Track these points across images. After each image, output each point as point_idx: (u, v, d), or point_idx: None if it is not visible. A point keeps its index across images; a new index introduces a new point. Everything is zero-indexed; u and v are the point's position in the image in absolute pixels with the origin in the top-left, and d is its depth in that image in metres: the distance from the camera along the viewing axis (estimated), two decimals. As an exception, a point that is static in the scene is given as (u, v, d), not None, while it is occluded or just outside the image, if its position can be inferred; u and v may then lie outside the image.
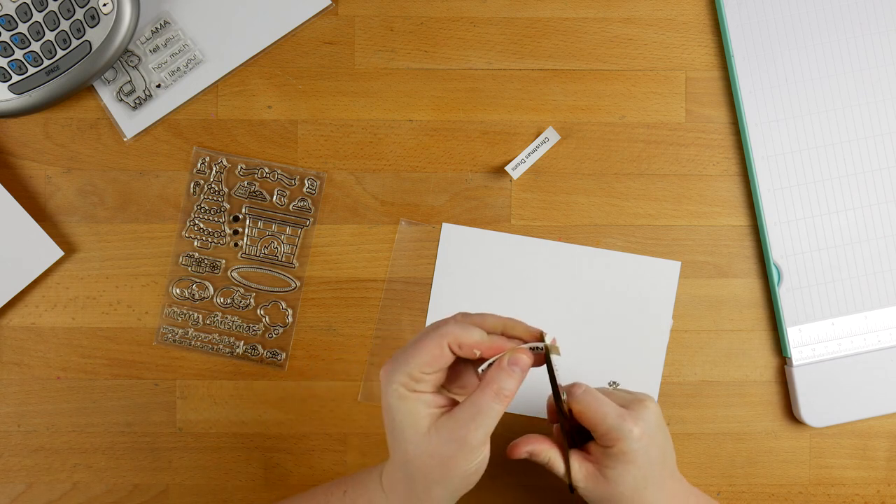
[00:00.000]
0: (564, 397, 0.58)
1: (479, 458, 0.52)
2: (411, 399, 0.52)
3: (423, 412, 0.52)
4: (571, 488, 0.59)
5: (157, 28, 0.70)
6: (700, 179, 0.72)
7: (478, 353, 0.53)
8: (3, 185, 0.69)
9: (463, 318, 0.55)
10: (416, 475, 0.52)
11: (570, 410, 0.59)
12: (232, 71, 0.71)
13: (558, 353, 0.53)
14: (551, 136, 0.69)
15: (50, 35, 0.66)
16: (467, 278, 0.71)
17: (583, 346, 0.71)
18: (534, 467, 0.71)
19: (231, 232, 0.71)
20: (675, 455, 0.61)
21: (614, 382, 0.63)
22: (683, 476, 0.63)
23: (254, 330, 0.71)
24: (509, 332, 0.54)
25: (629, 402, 0.59)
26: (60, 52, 0.66)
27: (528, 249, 0.71)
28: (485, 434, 0.51)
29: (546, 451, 0.59)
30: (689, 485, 0.61)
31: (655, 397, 0.71)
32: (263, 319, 0.71)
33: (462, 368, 0.55)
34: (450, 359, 0.53)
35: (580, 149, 0.71)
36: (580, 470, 0.58)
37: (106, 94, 0.70)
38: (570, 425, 0.60)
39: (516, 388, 0.52)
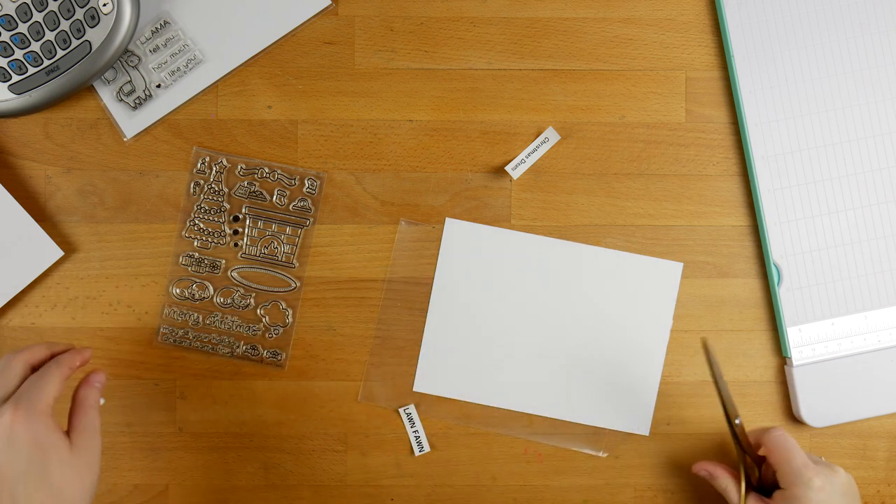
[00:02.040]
0: (738, 422, 0.63)
1: (99, 463, 0.59)
2: (55, 426, 0.57)
3: (59, 434, 0.57)
4: None
5: (157, 28, 0.70)
6: (700, 179, 0.72)
7: (78, 363, 0.61)
8: (3, 185, 0.69)
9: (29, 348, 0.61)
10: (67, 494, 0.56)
11: (747, 446, 0.64)
12: (232, 71, 0.71)
13: None
14: (551, 136, 0.69)
15: (50, 35, 0.66)
16: (468, 275, 0.71)
17: (583, 345, 0.71)
18: (536, 469, 0.71)
19: (231, 232, 0.71)
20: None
21: (821, 458, 0.66)
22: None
23: (254, 330, 0.71)
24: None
25: (824, 464, 0.62)
26: (60, 52, 0.66)
27: (530, 246, 0.71)
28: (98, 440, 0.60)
29: (725, 479, 0.65)
30: None
31: (655, 397, 0.71)
32: (263, 319, 0.71)
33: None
34: (28, 374, 0.59)
35: (580, 149, 0.71)
36: None
37: (106, 94, 0.70)
38: (760, 476, 0.65)
39: (100, 396, 0.62)
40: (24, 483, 0.54)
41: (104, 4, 0.66)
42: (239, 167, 0.71)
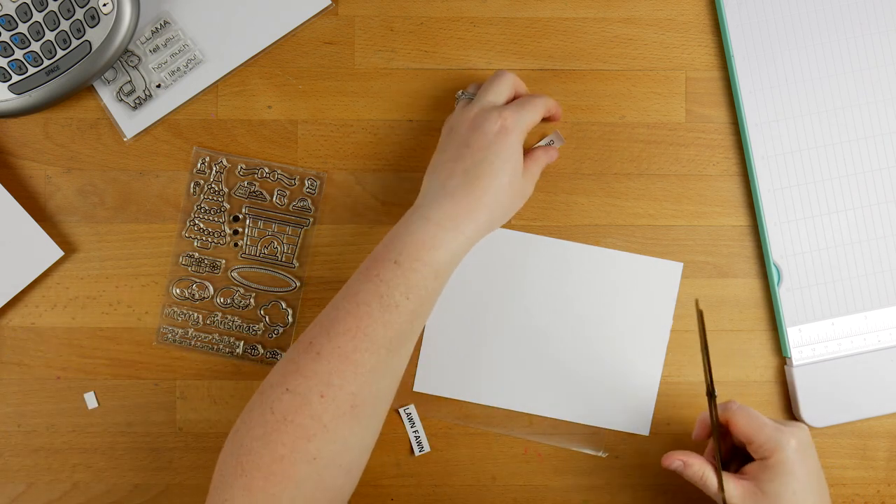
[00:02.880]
0: (716, 394, 0.61)
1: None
2: (521, 145, 0.63)
3: (521, 157, 0.63)
4: None
5: (157, 28, 0.70)
6: (700, 179, 0.72)
7: (558, 117, 0.70)
8: (3, 185, 0.69)
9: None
10: (506, 203, 0.63)
11: (720, 425, 0.61)
12: (232, 71, 0.71)
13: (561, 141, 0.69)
14: (556, 139, 0.70)
15: (50, 35, 0.66)
16: (468, 275, 0.71)
17: (583, 345, 0.71)
18: (536, 469, 0.71)
19: (231, 232, 0.71)
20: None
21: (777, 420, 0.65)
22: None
23: (254, 330, 0.71)
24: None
25: (786, 422, 0.62)
26: (60, 52, 0.66)
27: (530, 246, 0.71)
28: (537, 176, 0.67)
29: (700, 466, 0.62)
30: None
31: (655, 397, 0.71)
32: (264, 319, 0.71)
33: None
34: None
35: (580, 149, 0.71)
36: (736, 489, 0.59)
37: (106, 94, 0.70)
38: (725, 448, 0.62)
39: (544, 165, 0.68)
40: (501, 160, 0.62)
41: (104, 4, 0.66)
42: (239, 167, 0.71)
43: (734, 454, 0.64)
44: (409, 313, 0.58)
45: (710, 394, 0.60)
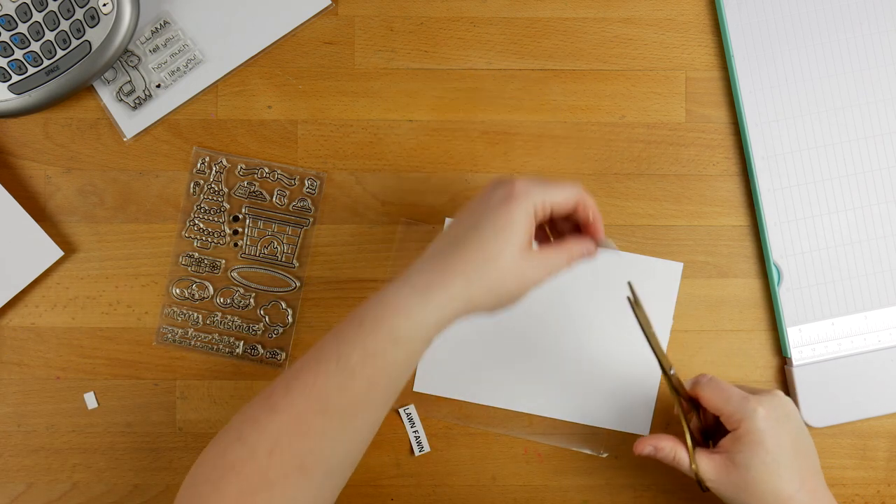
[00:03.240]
0: (673, 372, 0.60)
1: (531, 291, 0.57)
2: (531, 218, 0.56)
3: (528, 234, 0.56)
4: (702, 487, 0.60)
5: (157, 28, 0.70)
6: (700, 179, 0.72)
7: (591, 218, 0.59)
8: (3, 185, 0.69)
9: None
10: (490, 278, 0.55)
11: (691, 400, 0.61)
12: (232, 71, 0.71)
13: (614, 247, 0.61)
14: (607, 244, 0.61)
15: (50, 35, 0.66)
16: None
17: (583, 345, 0.71)
18: (536, 469, 0.71)
19: (231, 232, 0.71)
20: (817, 458, 0.61)
21: (753, 388, 0.65)
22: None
23: (254, 330, 0.71)
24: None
25: (758, 390, 0.60)
26: (60, 52, 0.66)
27: (528, 249, 0.71)
28: (552, 276, 0.57)
29: (671, 447, 0.61)
30: (831, 497, 0.61)
31: (655, 397, 0.71)
32: (263, 319, 0.71)
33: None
34: (570, 209, 0.58)
35: (580, 149, 0.71)
36: (709, 464, 0.59)
37: (106, 94, 0.70)
38: (701, 422, 0.62)
39: (578, 259, 0.59)
40: (495, 229, 0.55)
41: (104, 4, 0.66)
42: (239, 167, 0.71)
43: (716, 431, 0.63)
44: (366, 381, 0.53)
45: (666, 371, 0.60)
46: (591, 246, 0.59)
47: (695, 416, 0.62)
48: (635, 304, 0.58)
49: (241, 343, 0.71)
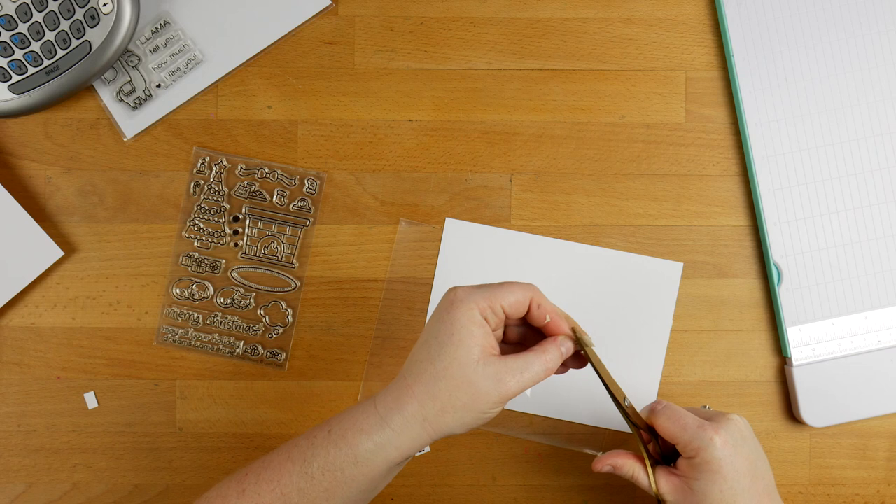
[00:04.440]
0: (627, 403, 0.59)
1: (499, 407, 0.54)
2: (479, 324, 0.53)
3: (481, 342, 0.53)
4: (659, 502, 0.59)
5: (157, 28, 0.70)
6: (700, 179, 0.72)
7: (548, 320, 0.56)
8: (3, 185, 0.69)
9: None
10: (441, 395, 0.52)
11: (649, 428, 0.60)
12: (232, 71, 0.71)
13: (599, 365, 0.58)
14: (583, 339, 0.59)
15: (50, 35, 0.66)
16: (468, 275, 0.71)
17: (583, 346, 0.71)
18: (536, 469, 0.71)
19: (231, 232, 0.71)
20: (772, 475, 0.60)
21: (706, 406, 0.64)
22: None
23: (254, 330, 0.71)
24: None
25: (714, 416, 0.60)
26: (60, 52, 0.66)
27: (530, 246, 0.71)
28: (520, 389, 0.53)
29: (630, 465, 0.60)
30: None
31: (655, 397, 0.71)
32: (263, 319, 0.71)
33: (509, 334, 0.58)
34: (523, 311, 0.55)
35: (580, 149, 0.72)
36: (667, 484, 0.59)
37: (106, 94, 0.70)
38: (660, 446, 0.61)
39: (556, 367, 0.55)
40: (441, 341, 0.53)
41: (104, 4, 0.66)
42: (239, 167, 0.71)
43: (675, 451, 0.62)
44: (324, 490, 0.53)
45: (620, 403, 0.59)
46: (563, 345, 0.56)
47: (654, 441, 0.61)
48: (583, 344, 0.57)
49: (241, 343, 0.71)
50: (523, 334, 0.58)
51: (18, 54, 0.66)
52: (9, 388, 0.70)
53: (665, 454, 0.61)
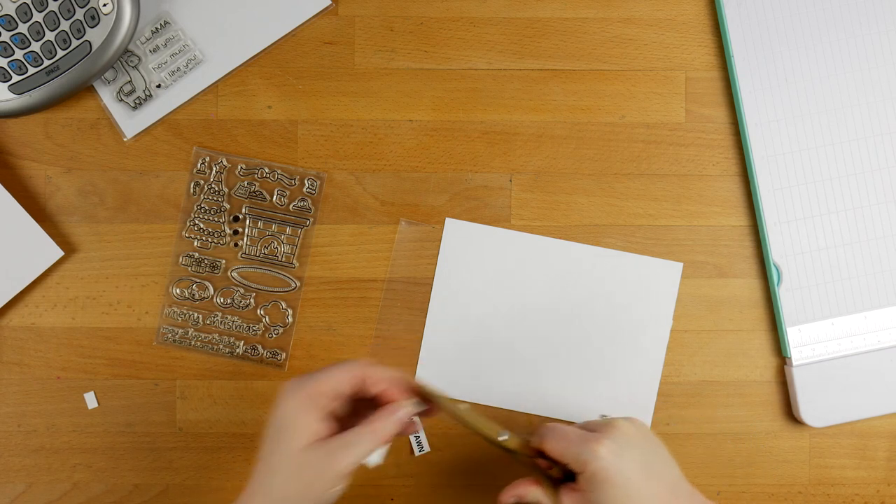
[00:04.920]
0: (503, 438, 0.60)
1: (340, 484, 0.55)
2: (304, 413, 0.54)
3: (306, 430, 0.54)
4: None
5: (157, 28, 0.70)
6: (700, 179, 0.72)
7: (380, 388, 0.57)
8: (3, 185, 0.69)
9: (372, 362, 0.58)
10: (276, 489, 0.54)
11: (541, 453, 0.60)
12: (232, 71, 0.71)
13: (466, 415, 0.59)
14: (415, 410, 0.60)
15: (50, 35, 0.66)
16: (468, 275, 0.71)
17: (583, 345, 0.71)
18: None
19: (231, 232, 0.71)
20: (676, 468, 0.60)
21: (604, 415, 0.64)
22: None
23: (254, 330, 0.71)
24: (403, 386, 0.58)
25: (601, 426, 0.59)
26: (60, 53, 0.66)
27: (530, 246, 0.71)
28: (347, 466, 0.54)
29: (533, 491, 0.60)
30: (702, 500, 0.60)
31: (654, 397, 0.71)
32: (263, 319, 0.71)
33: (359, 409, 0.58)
34: (353, 389, 0.56)
35: (580, 149, 0.72)
36: (569, 500, 0.59)
37: (106, 94, 0.70)
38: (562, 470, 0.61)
39: (391, 434, 0.56)
40: (272, 437, 0.54)
41: (104, 4, 0.66)
42: (239, 167, 0.71)
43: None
44: None
45: (495, 441, 0.60)
46: (403, 411, 0.56)
47: (556, 465, 0.61)
48: (434, 398, 0.58)
49: (241, 343, 0.71)
50: (373, 405, 0.58)
51: (18, 54, 0.66)
52: (9, 388, 0.70)
53: (568, 472, 0.61)
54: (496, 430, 0.60)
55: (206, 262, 0.71)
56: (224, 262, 0.71)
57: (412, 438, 0.71)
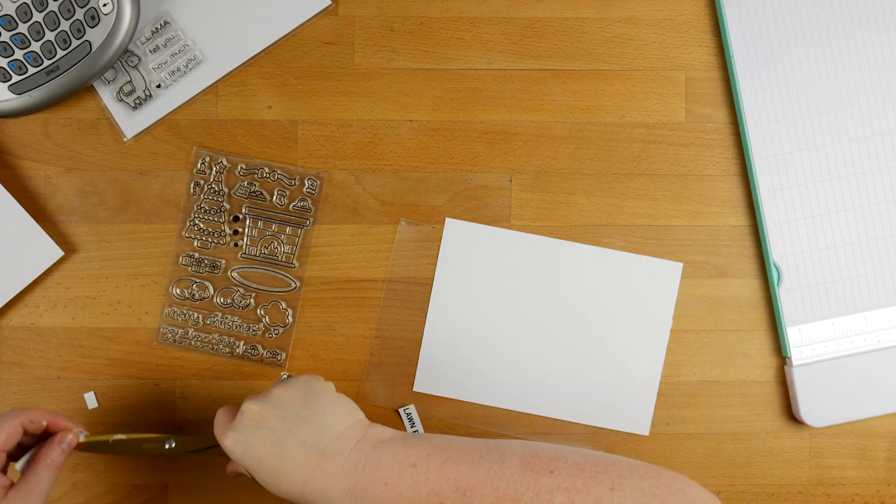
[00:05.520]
0: (169, 446, 0.63)
1: None
2: None
3: None
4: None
5: (157, 28, 0.70)
6: (700, 179, 0.72)
7: (45, 424, 0.59)
8: (3, 185, 0.69)
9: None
10: None
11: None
12: (232, 71, 0.71)
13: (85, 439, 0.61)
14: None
15: (50, 35, 0.66)
16: (468, 275, 0.71)
17: (583, 345, 0.71)
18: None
19: (231, 232, 0.71)
20: (328, 422, 0.57)
21: (287, 374, 0.67)
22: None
23: (254, 330, 0.71)
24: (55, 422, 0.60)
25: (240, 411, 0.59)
26: (60, 53, 0.66)
27: (530, 246, 0.71)
28: (44, 495, 0.56)
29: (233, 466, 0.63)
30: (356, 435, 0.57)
31: (654, 397, 0.71)
32: (263, 319, 0.71)
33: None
34: (19, 436, 0.58)
35: (580, 149, 0.72)
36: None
37: (106, 94, 0.70)
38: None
39: (63, 460, 0.58)
40: None
41: (104, 4, 0.66)
42: (239, 167, 0.71)
43: None
44: None
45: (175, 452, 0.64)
46: (63, 441, 0.59)
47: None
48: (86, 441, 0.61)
49: (241, 343, 0.71)
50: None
51: (18, 54, 0.66)
52: (9, 388, 0.70)
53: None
54: (162, 440, 0.64)
55: (206, 262, 0.71)
56: (224, 262, 0.71)
57: None
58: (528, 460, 0.54)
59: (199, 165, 0.71)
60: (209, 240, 0.71)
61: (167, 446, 0.63)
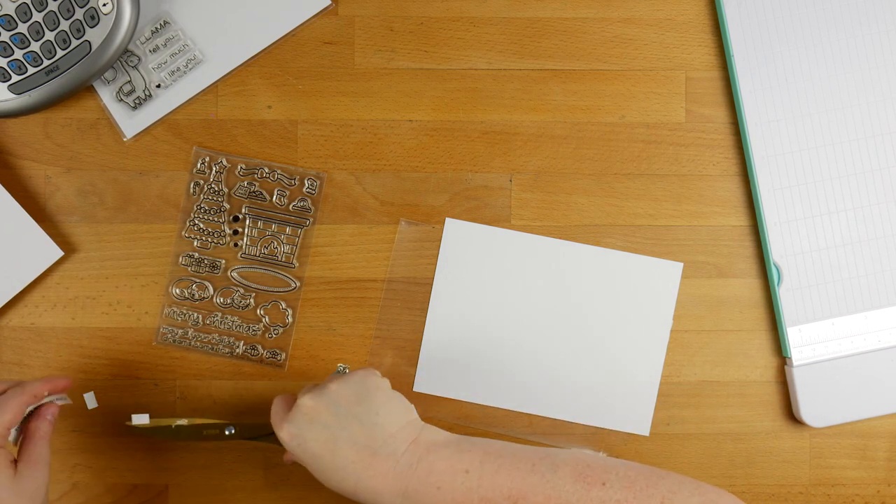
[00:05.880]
0: (181, 423, 0.66)
1: (45, 493, 0.59)
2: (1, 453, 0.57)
3: (5, 461, 0.57)
4: None
5: (157, 28, 0.70)
6: (700, 179, 0.72)
7: (46, 393, 0.61)
8: (3, 185, 0.69)
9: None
10: None
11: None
12: (232, 71, 0.71)
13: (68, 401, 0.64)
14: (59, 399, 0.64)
15: (50, 35, 0.66)
16: (468, 275, 0.71)
17: (583, 345, 0.71)
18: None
19: (231, 232, 0.71)
20: (380, 420, 0.58)
21: (344, 367, 0.68)
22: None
23: (254, 330, 0.71)
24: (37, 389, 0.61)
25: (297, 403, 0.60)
26: (60, 52, 0.66)
27: (530, 246, 0.71)
28: (45, 466, 0.59)
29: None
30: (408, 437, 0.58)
31: (654, 397, 0.71)
32: (263, 319, 0.71)
33: None
34: (24, 414, 0.59)
35: (580, 149, 0.72)
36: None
37: (106, 94, 0.70)
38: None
39: (52, 429, 0.61)
40: None
41: (104, 4, 0.66)
42: (239, 167, 0.71)
43: None
44: None
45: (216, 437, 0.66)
46: (49, 414, 0.61)
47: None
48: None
49: (241, 343, 0.71)
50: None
51: (18, 54, 0.66)
52: (9, 388, 0.70)
53: None
54: (223, 426, 0.66)
55: (205, 262, 0.71)
56: (224, 262, 0.71)
57: None
58: (580, 471, 0.54)
59: (198, 165, 0.71)
60: (209, 240, 0.71)
61: (227, 433, 0.65)
